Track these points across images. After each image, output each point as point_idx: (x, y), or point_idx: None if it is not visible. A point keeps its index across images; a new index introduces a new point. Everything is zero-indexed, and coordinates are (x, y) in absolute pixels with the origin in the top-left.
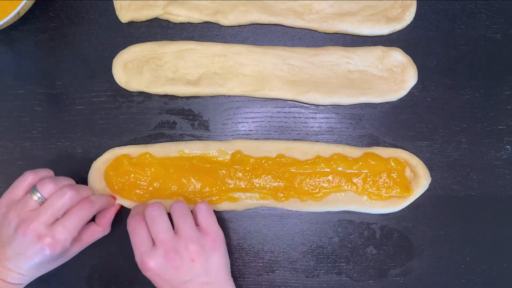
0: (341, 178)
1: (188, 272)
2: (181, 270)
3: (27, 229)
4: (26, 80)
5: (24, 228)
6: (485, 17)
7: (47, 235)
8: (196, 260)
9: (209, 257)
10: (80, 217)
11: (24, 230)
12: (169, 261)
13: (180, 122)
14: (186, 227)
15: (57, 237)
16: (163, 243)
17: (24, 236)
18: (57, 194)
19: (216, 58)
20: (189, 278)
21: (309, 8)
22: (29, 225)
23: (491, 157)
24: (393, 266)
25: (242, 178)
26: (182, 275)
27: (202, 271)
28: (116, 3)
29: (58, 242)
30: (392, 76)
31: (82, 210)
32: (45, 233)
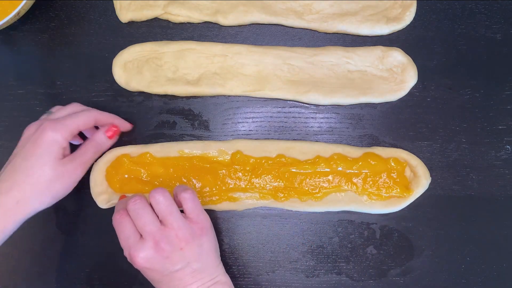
0: (341, 178)
1: (179, 260)
2: (171, 259)
3: (32, 124)
4: (26, 80)
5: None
6: (485, 17)
7: (45, 121)
8: (186, 248)
9: (198, 244)
10: (78, 116)
11: (29, 126)
12: (159, 252)
13: (180, 122)
14: (172, 217)
15: (55, 120)
16: (151, 234)
17: (28, 129)
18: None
19: (216, 58)
20: (180, 266)
21: (309, 8)
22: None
23: (491, 157)
24: (393, 266)
25: (242, 178)
26: (173, 265)
27: (193, 259)
28: (116, 3)
29: (54, 123)
30: (392, 76)
31: (81, 114)
32: (44, 120)
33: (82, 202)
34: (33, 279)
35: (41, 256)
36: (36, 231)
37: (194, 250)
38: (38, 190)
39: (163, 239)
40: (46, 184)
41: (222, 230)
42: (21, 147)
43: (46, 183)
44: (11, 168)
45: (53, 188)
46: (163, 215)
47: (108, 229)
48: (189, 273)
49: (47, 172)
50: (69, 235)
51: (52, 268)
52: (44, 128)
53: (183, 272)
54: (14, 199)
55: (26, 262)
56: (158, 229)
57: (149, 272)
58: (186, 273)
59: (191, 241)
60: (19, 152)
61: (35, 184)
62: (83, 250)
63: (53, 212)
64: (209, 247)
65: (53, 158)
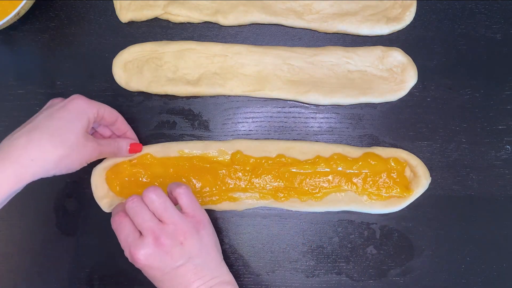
0: (341, 178)
1: (179, 256)
2: (172, 255)
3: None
4: (26, 80)
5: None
6: (485, 17)
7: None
8: (186, 242)
9: (198, 238)
10: (106, 106)
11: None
12: (159, 247)
13: (180, 122)
14: (169, 213)
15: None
16: (149, 230)
17: (52, 100)
18: None
19: (216, 58)
20: (181, 262)
21: (309, 8)
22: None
23: (491, 157)
24: (393, 266)
25: (242, 178)
26: (174, 260)
27: (194, 253)
28: (116, 3)
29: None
30: (392, 76)
31: (108, 107)
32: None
33: (82, 202)
34: (33, 279)
35: (41, 256)
36: (36, 231)
37: (194, 245)
38: (57, 154)
39: (162, 234)
40: (66, 149)
41: (222, 230)
42: (44, 111)
43: (67, 147)
44: (32, 126)
45: (70, 157)
46: (159, 212)
47: (108, 229)
48: (191, 270)
49: (70, 138)
50: (69, 235)
51: (52, 268)
52: (75, 97)
53: (185, 268)
54: (30, 155)
55: (26, 262)
56: (157, 224)
57: (150, 270)
58: (188, 270)
59: (190, 235)
60: (43, 113)
61: (55, 147)
62: (83, 250)
63: (53, 212)
64: (209, 241)
65: (81, 126)
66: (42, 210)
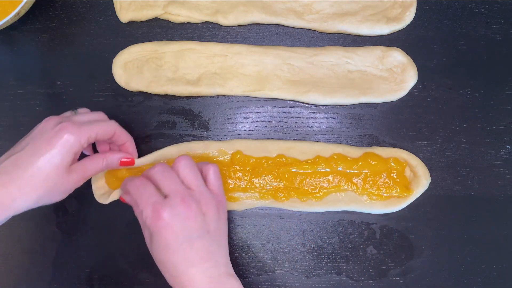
0: (341, 178)
1: (200, 226)
2: (194, 222)
3: (51, 118)
4: (26, 80)
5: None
6: (485, 17)
7: (66, 120)
8: (208, 214)
9: (218, 216)
10: (100, 125)
11: (47, 118)
12: (186, 208)
13: (180, 122)
14: (198, 182)
15: (75, 123)
16: (178, 192)
17: (46, 122)
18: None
19: (216, 58)
20: (200, 233)
21: (309, 8)
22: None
23: (491, 157)
24: (393, 266)
25: (242, 178)
26: (194, 229)
27: (212, 229)
28: (116, 3)
29: (75, 126)
30: (392, 76)
31: (103, 123)
32: (65, 119)
33: (82, 202)
34: (33, 279)
35: (41, 256)
36: (36, 231)
37: (213, 220)
38: (38, 194)
39: (189, 197)
40: (48, 188)
41: None
42: (32, 139)
43: (48, 187)
44: (14, 161)
45: (51, 193)
46: (189, 179)
47: (108, 229)
48: (206, 246)
49: (52, 177)
50: (69, 235)
51: (52, 268)
52: (63, 128)
53: (201, 243)
54: (11, 196)
55: (26, 262)
56: (185, 188)
57: (168, 234)
58: (203, 245)
59: (212, 208)
60: (29, 145)
61: (36, 189)
62: (83, 250)
63: (53, 212)
64: (224, 225)
65: (63, 163)
66: (42, 210)
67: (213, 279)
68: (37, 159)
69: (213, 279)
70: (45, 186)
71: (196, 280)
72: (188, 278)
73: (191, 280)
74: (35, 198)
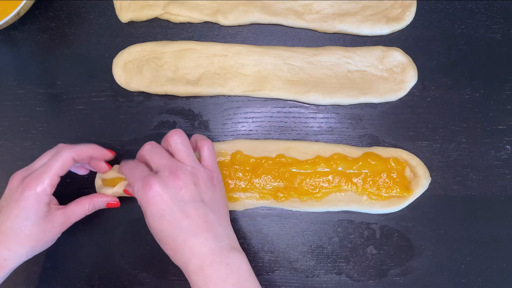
0: (341, 178)
1: (192, 193)
2: (185, 191)
3: (16, 176)
4: (26, 80)
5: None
6: (485, 17)
7: (27, 176)
8: (199, 185)
9: (212, 188)
10: (54, 163)
11: (13, 176)
12: (174, 179)
13: (180, 122)
14: (190, 157)
15: (35, 175)
16: (167, 166)
17: (11, 181)
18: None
19: (216, 58)
20: (192, 199)
21: (309, 8)
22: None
23: (491, 157)
24: (393, 266)
25: (242, 178)
26: (187, 196)
27: (206, 198)
28: (116, 3)
29: (35, 179)
30: (392, 76)
31: (55, 160)
32: (27, 174)
33: None
34: (33, 279)
35: (41, 256)
36: None
37: (207, 192)
38: (27, 249)
39: (179, 169)
40: (33, 242)
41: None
42: (5, 202)
43: (33, 241)
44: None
45: (39, 244)
46: (180, 154)
47: (108, 229)
48: (202, 215)
49: (33, 232)
50: (69, 235)
51: (52, 268)
52: (25, 187)
53: (196, 210)
54: (2, 257)
55: (26, 262)
56: (174, 162)
57: (160, 203)
58: (199, 213)
59: (204, 181)
60: (3, 209)
61: (22, 245)
62: (83, 250)
63: None
64: (221, 197)
65: (38, 217)
66: None
67: (215, 250)
68: (13, 221)
69: (215, 251)
70: (29, 241)
71: (197, 251)
72: (188, 250)
73: (192, 252)
74: (24, 253)
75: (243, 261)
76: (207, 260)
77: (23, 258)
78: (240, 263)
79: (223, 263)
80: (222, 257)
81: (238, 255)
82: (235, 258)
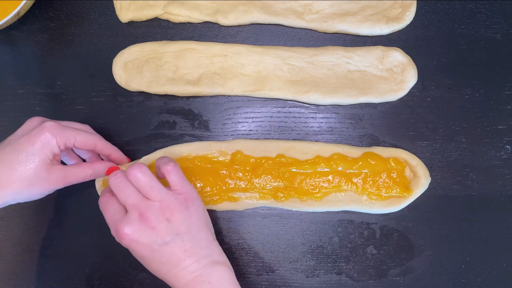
0: (341, 178)
1: (166, 232)
2: (158, 230)
3: (35, 118)
4: (26, 80)
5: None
6: (485, 17)
7: (48, 121)
8: (172, 218)
9: (186, 215)
10: (80, 133)
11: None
12: (144, 222)
13: (180, 122)
14: (155, 191)
15: (58, 125)
16: (134, 206)
17: (30, 121)
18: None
19: (216, 58)
20: (169, 239)
21: (309, 8)
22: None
23: (491, 157)
24: (393, 266)
25: (242, 178)
26: (161, 236)
27: (181, 230)
28: (116, 3)
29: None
30: (392, 76)
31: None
32: (47, 120)
33: (82, 201)
34: (33, 279)
35: (41, 256)
36: (36, 231)
37: (183, 221)
38: (14, 187)
39: (147, 210)
40: (26, 183)
41: (222, 230)
42: (16, 136)
43: (26, 182)
44: None
45: (29, 190)
46: (145, 191)
47: (108, 229)
48: (180, 247)
49: (30, 173)
50: (69, 235)
51: (52, 268)
52: (43, 128)
53: (173, 245)
54: None
55: (26, 262)
56: (142, 200)
57: (138, 247)
58: (176, 246)
59: (177, 211)
60: (12, 142)
61: (12, 181)
62: (83, 250)
63: (53, 212)
64: (199, 219)
65: (42, 160)
66: (42, 210)
67: (197, 272)
68: (16, 155)
69: (197, 273)
70: (21, 180)
71: (180, 278)
72: (172, 278)
73: (176, 279)
74: (11, 191)
75: (224, 274)
76: (190, 284)
77: (7, 199)
78: (221, 277)
79: (204, 282)
80: (204, 277)
81: (219, 270)
82: (216, 274)
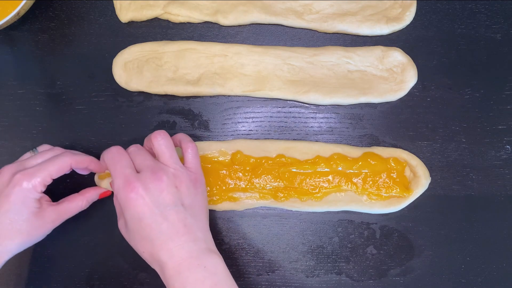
0: (341, 178)
1: (172, 198)
2: (165, 194)
3: (5, 169)
4: (26, 80)
5: (3, 169)
6: (485, 17)
7: (18, 172)
8: (181, 188)
9: (194, 191)
10: (52, 163)
11: (2, 170)
12: (156, 181)
13: (180, 122)
14: (172, 159)
15: (27, 172)
16: (149, 167)
17: (1, 177)
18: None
19: (216, 58)
20: (173, 203)
21: (309, 8)
22: (7, 166)
23: (491, 157)
24: (393, 266)
25: (242, 178)
26: (166, 199)
27: (187, 202)
28: (116, 3)
29: (26, 176)
30: (392, 76)
31: (54, 161)
32: (19, 169)
33: None
34: (33, 279)
35: (41, 256)
36: None
37: (188, 196)
38: (17, 243)
39: (161, 171)
40: (23, 236)
41: (222, 230)
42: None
43: (23, 236)
44: None
45: (30, 238)
46: (164, 156)
47: (108, 229)
48: (181, 217)
49: (24, 227)
50: (69, 235)
51: (52, 268)
52: (16, 183)
53: (176, 214)
54: None
55: (26, 262)
56: (157, 163)
57: (141, 205)
58: (178, 216)
59: (185, 184)
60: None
61: (13, 239)
62: (83, 250)
63: None
64: (202, 201)
65: (30, 212)
66: None
67: (193, 253)
68: (3, 216)
69: (193, 254)
70: (20, 236)
71: (175, 254)
72: (166, 253)
73: (169, 255)
74: (15, 247)
75: (220, 263)
76: (184, 263)
77: (14, 252)
78: (217, 266)
79: (200, 266)
80: (200, 260)
81: (215, 258)
82: (212, 261)
